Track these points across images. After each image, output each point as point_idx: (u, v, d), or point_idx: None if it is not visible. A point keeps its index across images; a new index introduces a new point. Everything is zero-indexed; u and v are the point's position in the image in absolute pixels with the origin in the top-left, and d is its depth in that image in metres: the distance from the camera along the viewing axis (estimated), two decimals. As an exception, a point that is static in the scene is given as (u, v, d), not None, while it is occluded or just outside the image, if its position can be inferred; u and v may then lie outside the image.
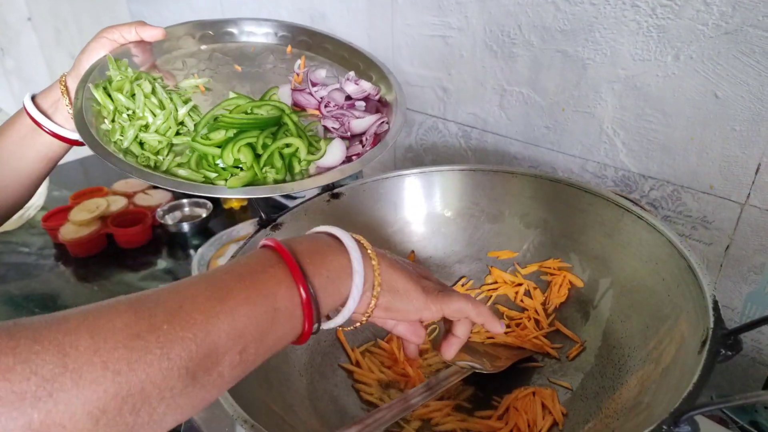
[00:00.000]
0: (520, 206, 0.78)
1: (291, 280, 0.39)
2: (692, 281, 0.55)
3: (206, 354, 0.33)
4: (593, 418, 0.57)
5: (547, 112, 0.87)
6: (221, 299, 0.35)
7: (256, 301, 0.37)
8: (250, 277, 0.38)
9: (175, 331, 0.32)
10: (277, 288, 0.38)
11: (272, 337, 0.38)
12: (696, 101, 0.71)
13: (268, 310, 0.37)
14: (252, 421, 0.44)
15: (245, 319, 0.36)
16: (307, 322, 0.40)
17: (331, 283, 0.42)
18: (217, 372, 0.34)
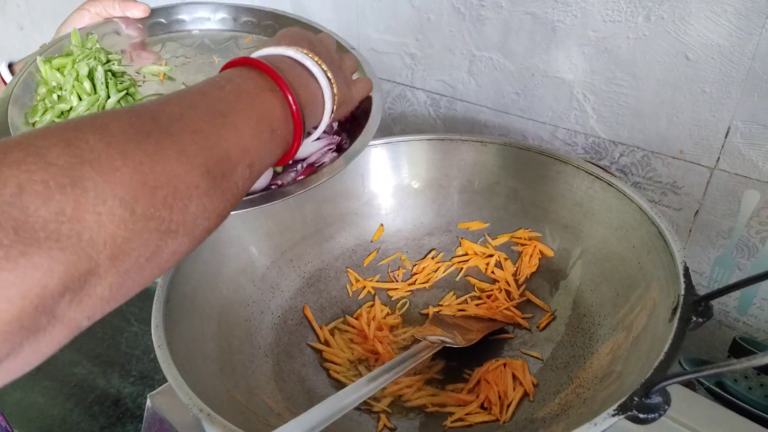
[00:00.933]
0: (490, 176, 0.76)
1: (284, 104, 0.41)
2: (663, 248, 0.54)
3: (220, 158, 0.34)
4: (564, 389, 0.57)
5: (516, 78, 0.84)
6: (223, 113, 0.36)
7: (257, 121, 0.38)
8: (247, 97, 0.39)
9: (185, 133, 0.33)
10: (273, 110, 0.40)
11: (271, 156, 0.41)
12: (667, 63, 0.69)
13: (267, 130, 0.39)
14: (208, 409, 0.42)
15: (249, 136, 0.37)
16: (296, 141, 0.43)
17: (309, 112, 0.45)
18: (234, 181, 0.35)
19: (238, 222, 0.66)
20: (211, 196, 0.33)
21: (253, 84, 0.40)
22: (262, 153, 0.39)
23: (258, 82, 0.41)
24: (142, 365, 0.96)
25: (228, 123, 0.36)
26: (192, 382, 0.46)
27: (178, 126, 0.33)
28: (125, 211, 0.27)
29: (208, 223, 0.34)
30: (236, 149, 0.36)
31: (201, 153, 0.33)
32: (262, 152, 0.39)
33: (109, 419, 0.87)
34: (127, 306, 1.08)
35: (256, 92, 0.40)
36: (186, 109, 0.35)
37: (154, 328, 0.50)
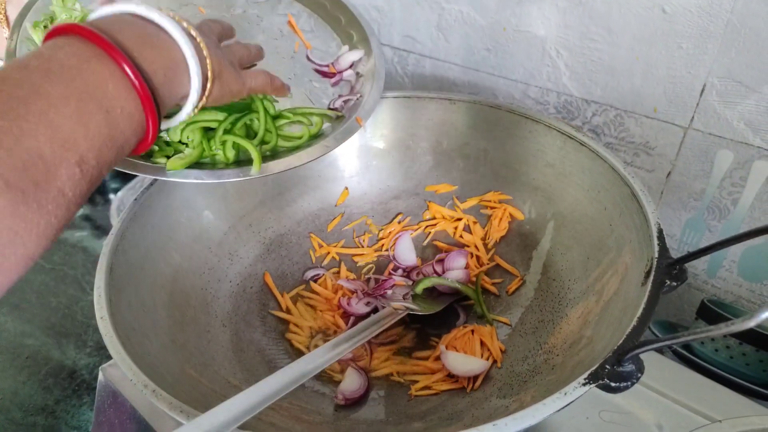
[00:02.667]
0: (459, 136, 0.73)
1: (120, 75, 0.32)
2: (636, 209, 0.52)
3: (27, 163, 0.27)
4: (533, 355, 0.55)
5: (487, 33, 0.81)
6: (24, 100, 0.28)
7: (78, 102, 0.30)
8: (61, 72, 0.30)
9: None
10: (103, 84, 0.31)
11: (114, 145, 0.32)
12: (643, 17, 0.66)
13: (97, 112, 0.31)
14: (153, 385, 0.38)
15: (70, 124, 0.29)
16: (152, 122, 0.34)
17: (168, 81, 0.36)
18: (57, 188, 0.28)
19: (191, 185, 0.62)
20: (20, 216, 0.26)
21: (71, 53, 0.31)
22: (98, 143, 0.31)
23: (78, 50, 0.32)
24: (99, 336, 0.92)
25: (32, 112, 0.28)
26: (138, 356, 0.43)
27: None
28: None
29: (25, 249, 0.27)
30: (52, 145, 0.28)
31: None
32: (97, 142, 0.31)
33: (64, 392, 0.83)
34: (83, 275, 1.03)
35: (75, 64, 0.31)
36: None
37: (96, 298, 0.47)
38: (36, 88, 0.29)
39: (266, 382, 0.41)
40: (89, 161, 0.30)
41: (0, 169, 0.26)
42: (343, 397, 0.54)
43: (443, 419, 0.51)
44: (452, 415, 0.52)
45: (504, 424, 0.35)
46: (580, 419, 0.59)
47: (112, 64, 0.32)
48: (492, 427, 0.35)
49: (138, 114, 0.34)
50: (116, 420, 0.61)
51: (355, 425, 0.52)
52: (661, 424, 0.58)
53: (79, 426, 0.78)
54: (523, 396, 0.49)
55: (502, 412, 0.46)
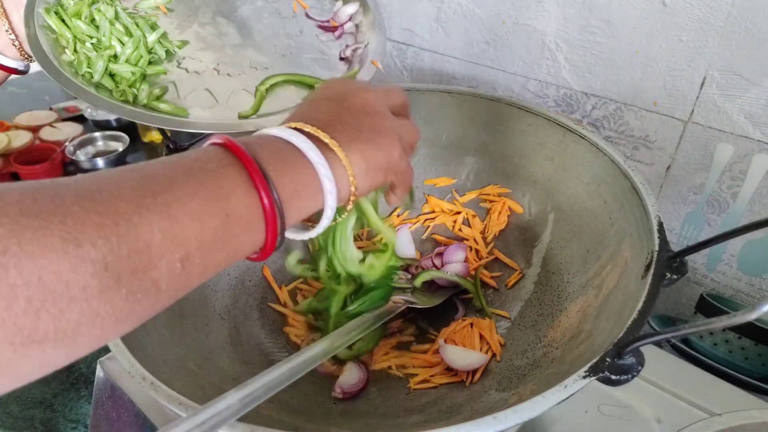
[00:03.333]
0: (458, 129, 0.73)
1: (249, 184, 0.32)
2: (636, 202, 0.52)
3: (133, 251, 0.26)
4: (532, 348, 0.55)
5: (486, 26, 0.80)
6: (155, 192, 0.28)
7: (203, 201, 0.30)
8: (198, 172, 0.31)
9: (88, 215, 0.25)
10: (231, 190, 0.32)
11: (225, 248, 0.31)
12: (643, 9, 0.66)
13: (217, 213, 0.30)
14: (152, 378, 0.38)
15: (187, 220, 0.29)
16: (270, 235, 0.34)
17: (297, 197, 0.35)
18: (151, 279, 0.27)
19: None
20: (108, 300, 0.26)
21: (213, 158, 0.32)
22: (207, 243, 0.30)
23: (220, 156, 0.33)
24: (97, 329, 0.93)
25: (159, 203, 0.28)
26: (137, 349, 0.43)
27: (83, 206, 0.26)
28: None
29: (100, 332, 0.26)
30: (162, 238, 0.28)
31: (101, 243, 0.25)
32: (207, 242, 0.30)
33: (62, 385, 0.83)
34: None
35: (213, 168, 0.32)
36: (106, 185, 0.27)
37: (94, 291, 0.46)
38: (170, 182, 0.30)
39: (264, 375, 0.41)
40: (194, 259, 0.30)
41: (106, 254, 0.26)
42: (341, 391, 0.54)
43: (442, 412, 0.51)
44: (451, 408, 0.52)
45: (504, 416, 0.35)
46: (579, 413, 0.59)
47: (244, 173, 0.33)
48: (492, 420, 0.35)
49: (258, 223, 0.33)
50: (114, 413, 0.61)
51: (354, 418, 0.52)
52: (660, 417, 0.58)
53: (77, 419, 0.78)
54: (522, 389, 0.49)
55: (501, 405, 0.46)
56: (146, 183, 0.29)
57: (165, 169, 0.30)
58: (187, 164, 0.31)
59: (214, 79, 0.60)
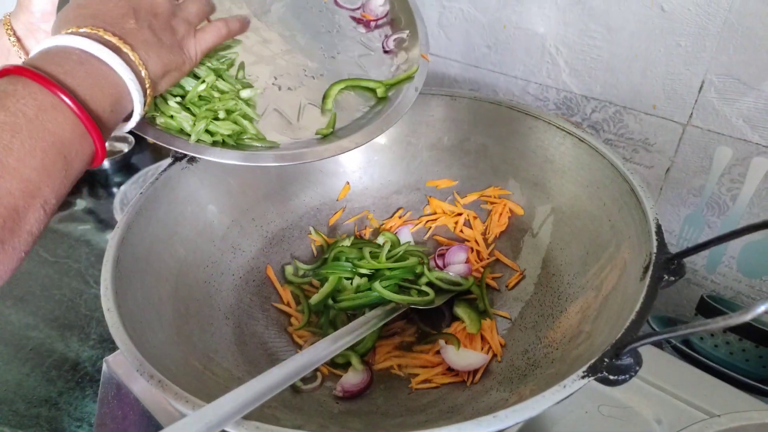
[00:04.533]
0: (460, 131, 0.73)
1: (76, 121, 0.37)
2: (635, 205, 0.53)
3: (5, 217, 0.32)
4: (533, 349, 0.56)
5: (488, 30, 0.81)
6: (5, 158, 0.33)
7: (43, 154, 0.34)
8: (27, 126, 0.34)
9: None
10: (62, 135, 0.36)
11: (69, 179, 0.37)
12: (642, 14, 0.66)
13: (59, 160, 0.35)
14: (159, 375, 0.39)
15: (36, 174, 0.34)
16: (100, 149, 0.39)
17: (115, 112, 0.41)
18: (26, 231, 0.34)
19: (196, 179, 0.63)
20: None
21: (33, 104, 0.35)
22: (56, 184, 0.36)
23: (37, 99, 0.36)
24: (102, 328, 0.93)
25: (9, 169, 0.33)
26: (144, 347, 0.44)
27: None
28: None
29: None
30: (24, 197, 0.33)
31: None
32: (56, 184, 0.36)
33: (67, 384, 0.84)
34: (87, 268, 1.04)
35: (37, 115, 0.35)
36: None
37: (103, 290, 0.47)
38: (7, 144, 0.33)
39: (269, 374, 0.42)
40: (50, 201, 0.35)
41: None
42: (342, 390, 0.55)
43: (443, 412, 0.52)
44: (452, 408, 0.52)
45: (504, 415, 0.36)
46: (580, 413, 0.59)
47: (68, 112, 0.36)
48: (492, 419, 0.36)
49: (89, 148, 0.38)
50: (119, 411, 0.62)
51: (356, 417, 0.53)
52: (660, 418, 0.59)
53: (81, 418, 0.79)
54: (522, 389, 0.50)
55: (501, 405, 0.46)
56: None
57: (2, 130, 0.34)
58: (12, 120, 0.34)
59: (277, 95, 0.59)
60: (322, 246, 0.71)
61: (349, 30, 0.67)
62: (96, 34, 0.40)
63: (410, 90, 0.62)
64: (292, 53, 0.62)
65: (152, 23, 0.44)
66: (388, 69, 0.66)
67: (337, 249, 0.67)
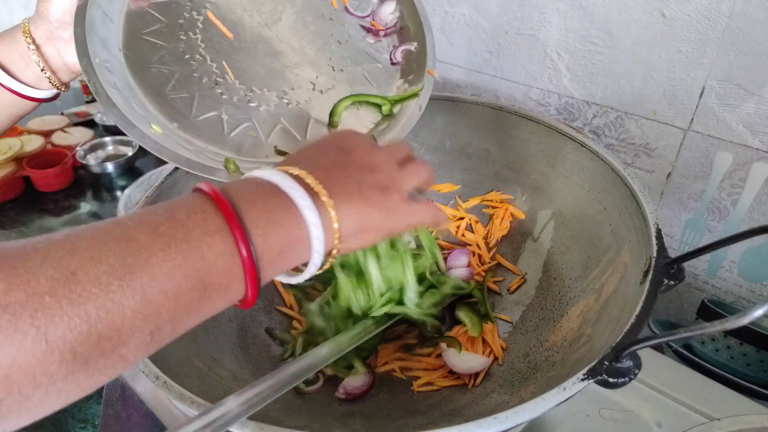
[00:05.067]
0: (462, 136, 0.74)
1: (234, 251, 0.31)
2: (635, 209, 0.53)
3: (103, 336, 0.26)
4: (534, 352, 0.56)
5: (490, 36, 0.82)
6: (131, 270, 0.27)
7: (182, 278, 0.29)
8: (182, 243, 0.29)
9: (61, 306, 0.25)
10: (214, 262, 0.30)
11: (198, 315, 0.31)
12: (643, 21, 0.67)
13: (196, 288, 0.29)
14: (164, 377, 0.40)
15: (162, 299, 0.28)
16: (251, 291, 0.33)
17: (281, 257, 0.34)
18: (119, 354, 0.27)
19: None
20: (73, 380, 0.26)
21: (200, 223, 0.31)
22: (180, 315, 0.29)
23: (207, 220, 0.31)
24: (105, 332, 0.94)
25: (135, 285, 0.27)
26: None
27: (56, 295, 0.25)
28: None
29: (64, 402, 0.27)
30: (133, 318, 0.27)
31: (70, 336, 0.25)
32: (178, 315, 0.29)
33: (71, 387, 0.85)
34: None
35: (198, 237, 0.30)
36: (82, 264, 0.27)
37: (108, 293, 0.48)
38: (149, 257, 0.28)
39: (272, 376, 0.43)
40: (164, 329, 0.29)
41: (76, 345, 0.26)
42: (344, 392, 0.55)
43: (445, 414, 0.52)
44: (454, 410, 0.53)
45: (505, 417, 0.36)
46: (581, 417, 0.60)
47: (230, 241, 0.31)
48: (493, 420, 0.36)
49: (237, 286, 0.32)
50: (124, 413, 0.62)
51: (358, 419, 0.53)
52: (660, 422, 0.59)
53: (85, 419, 0.80)
54: (523, 392, 0.50)
55: (502, 407, 0.47)
56: (125, 257, 0.28)
57: (147, 236, 0.29)
58: (171, 228, 0.30)
59: (286, 111, 0.58)
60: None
61: (357, 40, 0.66)
62: (297, 175, 0.36)
63: (415, 108, 0.61)
64: (301, 66, 0.61)
65: (364, 178, 0.39)
66: (395, 82, 0.65)
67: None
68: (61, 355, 0.25)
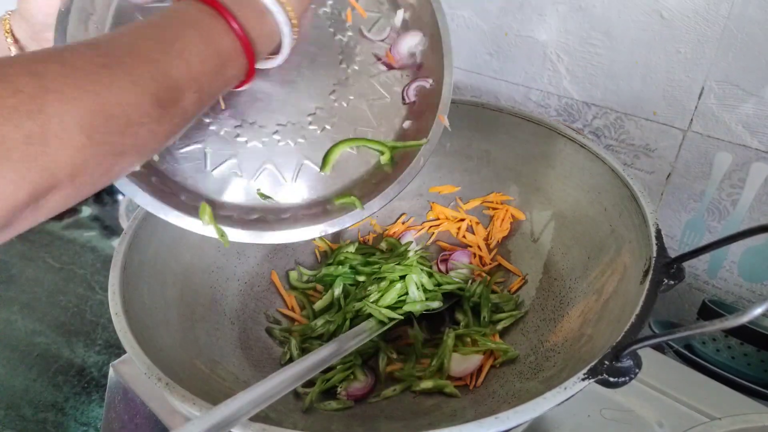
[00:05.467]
0: (462, 138, 0.74)
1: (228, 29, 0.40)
2: (635, 210, 0.53)
3: (169, 87, 0.36)
4: (535, 352, 0.56)
5: (489, 38, 0.82)
6: (172, 42, 0.37)
7: (203, 46, 0.38)
8: (191, 25, 0.39)
9: (138, 65, 0.34)
10: (219, 36, 0.40)
11: (221, 79, 0.41)
12: (642, 22, 0.67)
13: (214, 55, 0.39)
14: (167, 378, 0.40)
15: (197, 62, 0.38)
16: (250, 65, 0.42)
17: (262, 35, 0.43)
18: (181, 107, 0.37)
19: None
20: (160, 122, 0.35)
21: (199, 10, 0.40)
22: (211, 80, 0.39)
23: (202, 10, 0.40)
24: (107, 334, 0.94)
25: (176, 51, 0.37)
26: (152, 351, 0.44)
27: (133, 58, 0.34)
28: (84, 137, 0.30)
29: (157, 145, 0.37)
30: (185, 78, 0.37)
31: (152, 83, 0.34)
32: (210, 79, 0.39)
33: (73, 389, 0.85)
34: (92, 274, 1.05)
35: (202, 18, 0.40)
36: (138, 40, 0.36)
37: (111, 294, 0.48)
38: (178, 32, 0.38)
39: (274, 378, 0.43)
40: (205, 89, 0.39)
41: (155, 89, 0.34)
42: (346, 394, 0.55)
43: (446, 415, 0.52)
44: (455, 411, 0.53)
45: (506, 417, 0.36)
46: (582, 417, 0.60)
47: (224, 23, 0.40)
48: (494, 420, 0.36)
49: (243, 61, 0.41)
50: (126, 415, 0.63)
51: (359, 421, 0.53)
52: (661, 421, 0.59)
53: (87, 422, 0.80)
54: (524, 393, 0.51)
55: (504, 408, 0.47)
56: (164, 35, 0.37)
57: (168, 21, 0.38)
58: (183, 17, 0.39)
59: (276, 150, 0.52)
60: (326, 252, 0.72)
61: (367, 66, 0.58)
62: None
63: (417, 161, 0.54)
64: (298, 95, 0.54)
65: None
66: (401, 120, 0.57)
67: (341, 255, 0.67)
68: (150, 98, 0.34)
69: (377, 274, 0.63)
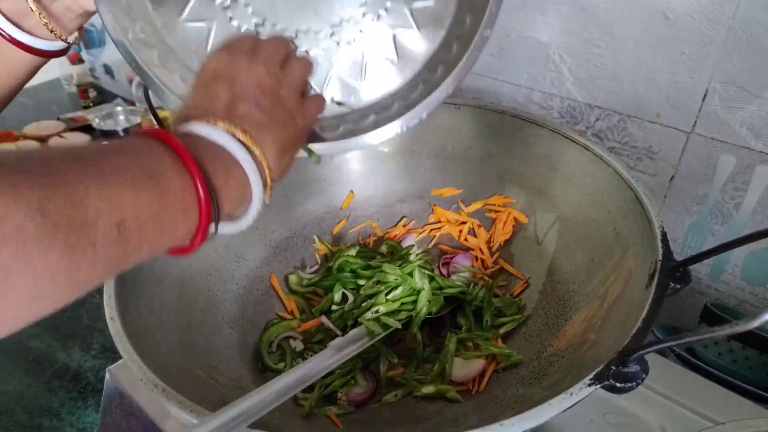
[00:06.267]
0: (464, 140, 0.73)
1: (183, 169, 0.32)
2: (639, 213, 0.52)
3: (69, 203, 0.26)
4: (537, 357, 0.55)
5: (492, 39, 0.81)
6: (87, 161, 0.28)
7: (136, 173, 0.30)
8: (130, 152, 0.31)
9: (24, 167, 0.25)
10: (165, 170, 0.31)
11: (160, 225, 0.31)
12: (645, 23, 0.67)
13: (152, 188, 0.30)
14: (163, 384, 0.39)
15: (121, 188, 0.28)
16: (204, 220, 0.33)
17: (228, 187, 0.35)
18: (88, 239, 0.26)
19: (199, 188, 0.63)
20: (44, 247, 0.25)
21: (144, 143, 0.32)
22: (143, 215, 0.30)
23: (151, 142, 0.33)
24: (104, 338, 0.93)
25: (90, 171, 0.28)
26: (148, 356, 0.43)
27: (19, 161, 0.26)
28: None
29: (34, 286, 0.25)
30: (97, 198, 0.27)
31: (36, 187, 0.25)
32: (143, 213, 0.30)
33: (69, 394, 0.84)
34: (89, 277, 1.04)
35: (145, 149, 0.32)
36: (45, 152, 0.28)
37: (106, 299, 0.47)
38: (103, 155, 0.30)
39: (274, 383, 0.42)
40: (130, 227, 0.29)
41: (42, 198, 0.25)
42: (347, 399, 0.55)
43: (449, 420, 0.52)
44: (458, 416, 0.52)
45: (511, 423, 0.36)
46: (585, 422, 0.59)
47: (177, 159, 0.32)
48: (499, 427, 0.36)
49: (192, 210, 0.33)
50: (122, 421, 0.62)
51: (362, 426, 0.53)
52: (664, 426, 0.59)
53: (83, 428, 0.79)
54: (528, 398, 0.50)
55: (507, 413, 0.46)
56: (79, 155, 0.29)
57: (97, 147, 0.30)
58: (117, 145, 0.31)
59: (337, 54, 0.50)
60: (326, 255, 0.71)
61: None
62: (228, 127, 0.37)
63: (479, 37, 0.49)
64: None
65: (260, 101, 0.40)
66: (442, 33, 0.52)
67: (341, 258, 0.67)
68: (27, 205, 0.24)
69: (378, 277, 0.63)
